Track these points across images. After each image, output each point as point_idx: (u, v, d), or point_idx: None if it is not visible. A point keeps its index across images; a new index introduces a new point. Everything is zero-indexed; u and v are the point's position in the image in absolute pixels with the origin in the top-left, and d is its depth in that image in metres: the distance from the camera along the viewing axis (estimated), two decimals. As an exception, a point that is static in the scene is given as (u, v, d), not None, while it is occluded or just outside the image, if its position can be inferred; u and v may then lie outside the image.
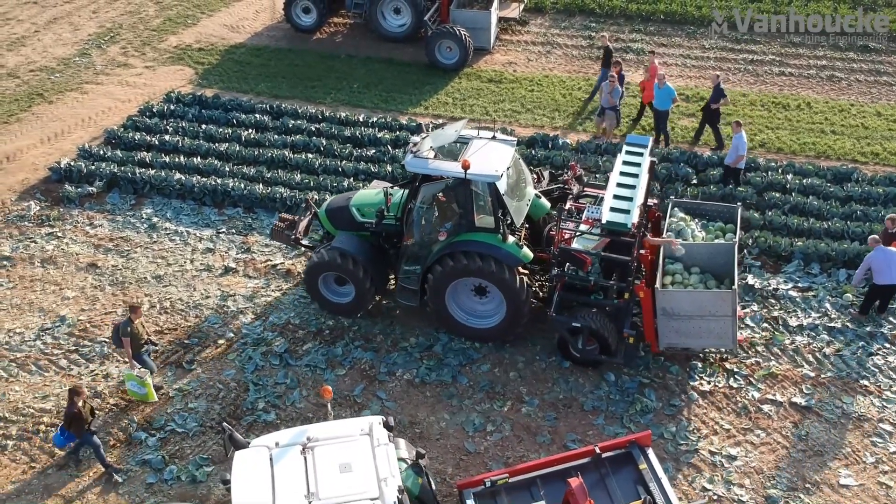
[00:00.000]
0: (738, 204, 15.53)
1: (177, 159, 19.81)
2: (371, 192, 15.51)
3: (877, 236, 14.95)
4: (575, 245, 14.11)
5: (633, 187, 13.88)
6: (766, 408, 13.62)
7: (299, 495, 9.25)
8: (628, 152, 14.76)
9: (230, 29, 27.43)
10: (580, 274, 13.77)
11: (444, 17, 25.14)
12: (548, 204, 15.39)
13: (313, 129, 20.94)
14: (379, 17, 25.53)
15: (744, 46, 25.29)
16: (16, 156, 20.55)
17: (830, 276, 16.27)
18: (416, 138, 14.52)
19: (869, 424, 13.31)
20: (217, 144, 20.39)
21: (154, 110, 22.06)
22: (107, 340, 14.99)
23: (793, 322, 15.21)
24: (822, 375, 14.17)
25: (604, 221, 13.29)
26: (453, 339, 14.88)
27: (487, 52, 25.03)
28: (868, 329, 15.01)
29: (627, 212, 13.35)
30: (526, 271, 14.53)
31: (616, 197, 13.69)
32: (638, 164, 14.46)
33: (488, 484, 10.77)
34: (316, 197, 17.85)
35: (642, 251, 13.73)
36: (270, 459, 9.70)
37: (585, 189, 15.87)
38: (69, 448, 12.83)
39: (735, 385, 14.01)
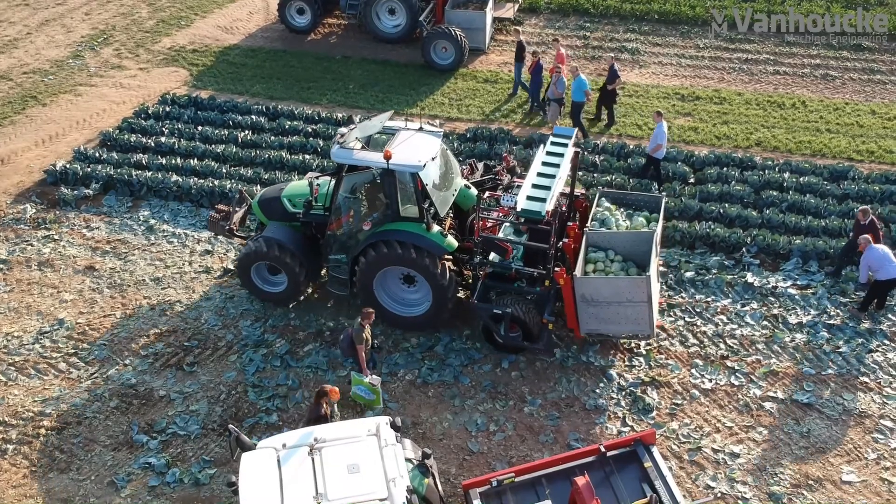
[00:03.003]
0: (663, 193, 16.00)
1: (173, 161, 19.73)
2: (303, 184, 15.70)
3: (867, 236, 15.07)
4: (501, 234, 14.52)
5: (552, 177, 14.14)
6: (767, 405, 13.66)
7: (308, 496, 9.22)
8: (553, 143, 14.99)
9: (224, 30, 27.36)
10: (502, 262, 14.15)
11: (439, 18, 25.15)
12: (488, 196, 15.62)
13: (310, 130, 20.91)
14: (373, 18, 25.52)
15: (738, 46, 25.41)
16: (10, 158, 20.44)
17: (828, 273, 16.33)
18: (342, 129, 14.82)
19: (870, 421, 13.37)
20: (213, 146, 20.34)
21: (149, 112, 22.00)
22: (106, 343, 14.93)
23: (792, 320, 15.27)
24: (823, 372, 14.23)
25: (518, 209, 13.51)
26: (455, 339, 14.88)
27: (482, 53, 25.07)
28: (867, 326, 15.08)
29: (542, 200, 13.59)
30: (453, 260, 14.75)
31: (534, 186, 13.95)
32: (560, 155, 14.67)
33: (495, 483, 10.74)
34: (251, 188, 18.14)
35: (565, 240, 14.11)
36: (278, 461, 9.66)
37: (515, 180, 16.07)
38: None
39: (736, 383, 14.05)
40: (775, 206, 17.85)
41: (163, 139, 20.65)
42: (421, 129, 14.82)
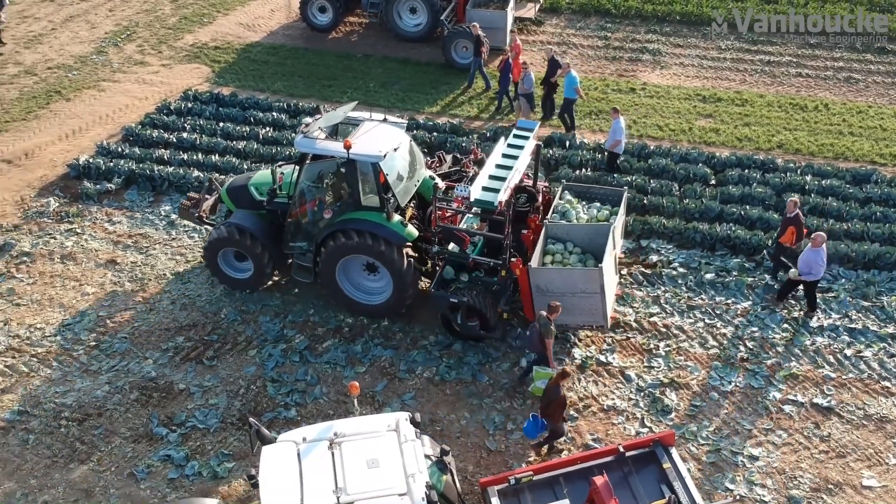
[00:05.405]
0: (625, 188, 16.25)
1: (195, 157, 19.88)
2: (269, 172, 15.94)
3: (822, 234, 14.85)
4: (462, 224, 14.83)
5: (508, 168, 14.23)
6: (787, 408, 13.57)
7: (327, 490, 9.24)
8: (514, 135, 15.10)
9: (246, 27, 27.53)
10: (459, 251, 14.44)
11: (460, 17, 25.17)
12: (443, 186, 15.83)
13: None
14: (395, 17, 25.60)
15: (760, 48, 25.29)
16: (34, 153, 20.63)
17: (850, 278, 16.19)
18: (307, 119, 15.06)
19: (891, 426, 13.25)
20: (235, 142, 20.47)
21: (171, 108, 22.17)
22: (127, 336, 15.05)
23: (813, 323, 15.16)
24: (844, 376, 14.12)
25: (472, 199, 13.63)
26: (483, 340, 14.85)
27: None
28: (889, 330, 14.95)
29: (496, 191, 13.67)
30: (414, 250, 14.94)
31: (490, 177, 14.06)
32: (520, 147, 14.78)
33: (513, 481, 10.76)
34: (221, 177, 18.42)
35: (524, 231, 14.41)
36: (298, 454, 9.69)
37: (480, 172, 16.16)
38: (540, 438, 12.74)
39: (756, 385, 13.97)
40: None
41: (184, 135, 20.80)
42: (385, 120, 15.08)
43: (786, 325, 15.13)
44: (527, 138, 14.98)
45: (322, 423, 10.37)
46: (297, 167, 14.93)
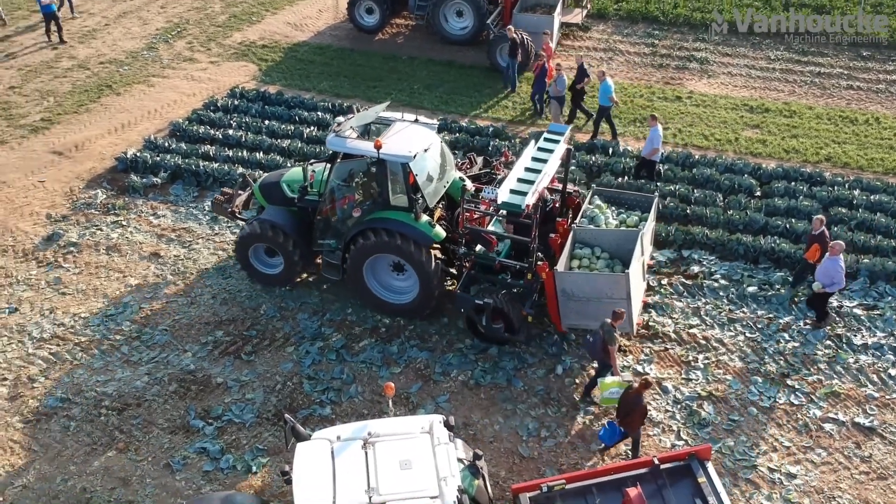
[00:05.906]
0: (655, 193, 16.19)
1: (240, 154, 20.11)
2: (302, 170, 16.03)
3: (841, 242, 14.69)
4: (490, 227, 14.81)
5: (537, 171, 14.16)
6: (827, 427, 13.32)
7: (359, 490, 9.30)
8: (545, 139, 15.02)
9: (293, 27, 27.81)
10: (486, 254, 14.43)
11: (506, 21, 25.13)
12: (472, 188, 15.78)
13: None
14: (441, 20, 25.66)
15: (810, 59, 24.86)
16: (84, 145, 21.07)
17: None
18: (340, 118, 15.22)
19: (936, 449, 12.96)
20: (279, 140, 20.67)
21: (218, 105, 22.48)
22: (167, 329, 15.27)
23: (857, 340, 14.86)
24: (887, 396, 13.81)
25: (499, 202, 13.55)
26: (507, 343, 14.82)
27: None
28: (937, 351, 14.61)
29: (523, 194, 13.60)
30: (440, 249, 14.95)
31: (518, 180, 14.00)
32: (550, 151, 14.70)
33: (545, 489, 10.68)
34: (255, 173, 18.59)
35: (552, 234, 14.28)
36: (332, 453, 9.76)
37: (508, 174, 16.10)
38: (616, 444, 12.85)
39: (796, 402, 13.73)
40: (843, 224, 17.39)
41: (230, 131, 21.07)
42: (416, 120, 15.15)
43: (828, 342, 14.84)
44: (557, 142, 14.93)
45: (356, 423, 10.44)
46: (328, 165, 15.06)
